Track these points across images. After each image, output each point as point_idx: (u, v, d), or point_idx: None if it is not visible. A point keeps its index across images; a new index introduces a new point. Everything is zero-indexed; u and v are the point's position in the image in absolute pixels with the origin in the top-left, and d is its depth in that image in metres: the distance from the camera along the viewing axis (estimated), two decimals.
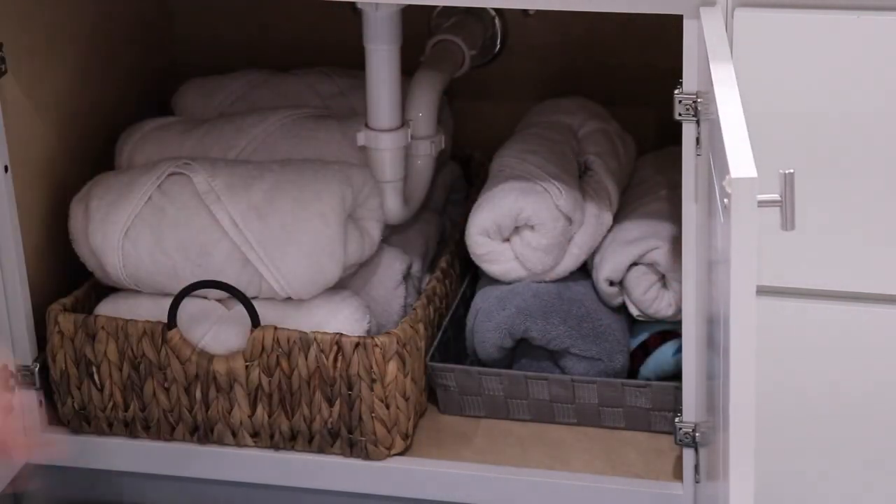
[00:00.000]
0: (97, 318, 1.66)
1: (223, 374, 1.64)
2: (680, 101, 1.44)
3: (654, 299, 1.71)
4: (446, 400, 1.74)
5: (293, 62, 2.01)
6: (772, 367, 1.49)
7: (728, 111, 1.20)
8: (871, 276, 1.45)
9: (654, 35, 1.93)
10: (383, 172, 1.75)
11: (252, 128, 1.81)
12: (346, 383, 1.63)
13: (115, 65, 1.91)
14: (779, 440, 1.52)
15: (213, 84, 1.95)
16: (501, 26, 2.00)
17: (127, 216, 1.66)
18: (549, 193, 1.71)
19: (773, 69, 1.40)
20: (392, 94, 1.73)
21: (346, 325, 1.65)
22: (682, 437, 1.56)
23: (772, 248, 1.44)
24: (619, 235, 1.74)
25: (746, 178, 1.08)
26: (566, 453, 1.67)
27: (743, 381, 1.10)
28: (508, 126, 1.92)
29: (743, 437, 1.10)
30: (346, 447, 1.66)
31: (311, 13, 2.04)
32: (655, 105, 1.93)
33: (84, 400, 1.69)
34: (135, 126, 1.85)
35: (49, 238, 1.75)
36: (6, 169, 1.62)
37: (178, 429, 1.69)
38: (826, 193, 1.43)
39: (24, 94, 1.68)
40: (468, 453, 1.68)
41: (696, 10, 1.41)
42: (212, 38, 2.09)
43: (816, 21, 1.38)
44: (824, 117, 1.41)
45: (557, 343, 1.70)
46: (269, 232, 1.63)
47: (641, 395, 1.68)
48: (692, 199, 1.47)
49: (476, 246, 1.73)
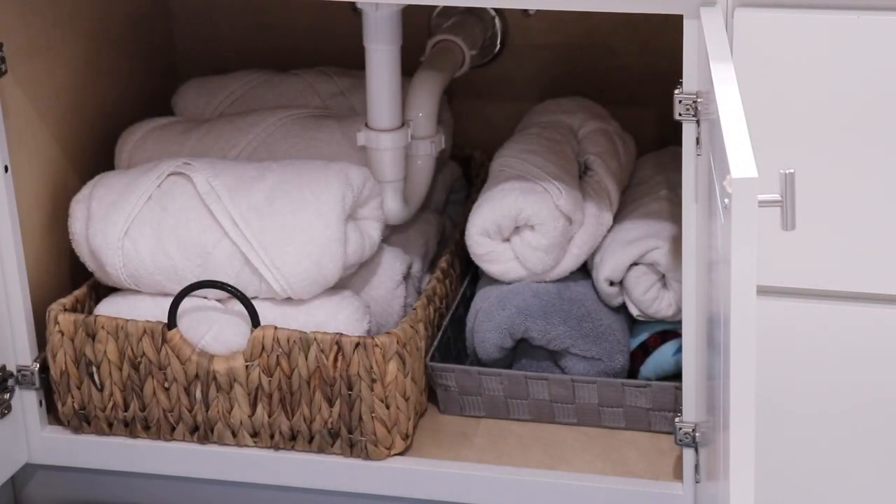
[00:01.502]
0: (97, 318, 1.66)
1: (223, 373, 1.64)
2: (680, 100, 1.44)
3: (654, 299, 1.71)
4: (446, 400, 1.74)
5: (293, 62, 2.01)
6: (772, 367, 1.49)
7: (728, 111, 1.19)
8: (871, 276, 1.45)
9: (655, 35, 1.93)
10: (383, 172, 1.75)
11: (252, 128, 1.81)
12: (347, 383, 1.63)
13: (116, 65, 1.91)
14: (779, 440, 1.51)
15: (213, 84, 1.95)
16: (501, 26, 2.00)
17: (127, 216, 1.66)
18: (549, 193, 1.71)
19: (773, 69, 1.40)
20: (392, 94, 1.73)
21: (347, 325, 1.65)
22: (683, 437, 1.56)
23: (772, 248, 1.44)
24: (619, 235, 1.74)
25: (747, 178, 1.08)
26: (566, 453, 1.67)
27: (743, 381, 1.10)
28: (508, 126, 1.92)
29: (743, 437, 1.10)
30: (346, 447, 1.66)
31: (311, 13, 2.04)
32: (656, 105, 1.94)
33: (84, 400, 1.69)
34: (135, 126, 1.85)
35: (49, 238, 1.75)
36: (6, 169, 1.62)
37: (178, 429, 1.69)
38: (826, 193, 1.43)
39: (24, 94, 1.68)
40: (468, 453, 1.68)
41: (696, 10, 1.41)
42: (212, 38, 2.09)
43: (817, 21, 1.38)
44: (825, 117, 1.41)
45: (557, 343, 1.70)
46: (269, 232, 1.63)
47: (641, 395, 1.68)
48: (692, 199, 1.47)
49: (476, 246, 1.73)
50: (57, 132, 1.77)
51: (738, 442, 1.10)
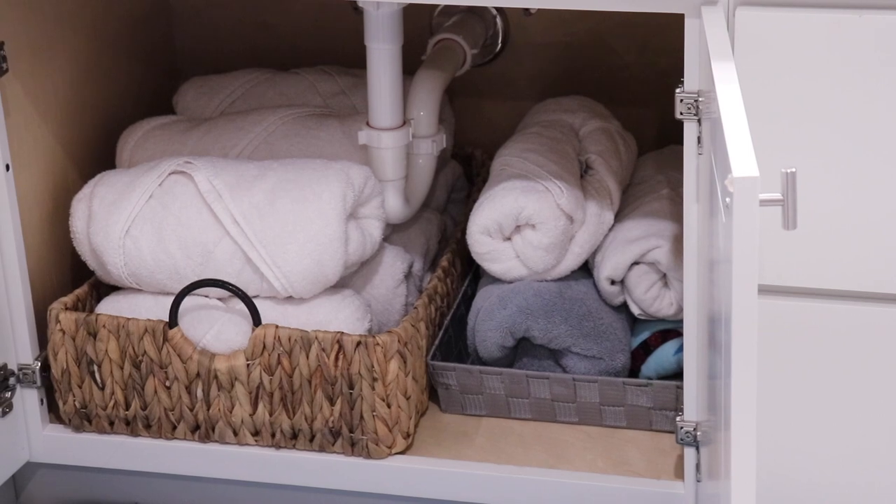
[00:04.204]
0: (98, 317, 1.66)
1: (224, 372, 1.64)
2: (681, 99, 1.44)
3: (655, 298, 1.71)
4: (447, 399, 1.74)
5: (294, 61, 2.01)
6: (773, 366, 1.49)
7: (730, 110, 1.19)
8: (871, 275, 1.45)
9: (656, 34, 1.94)
10: (384, 171, 1.75)
11: (253, 127, 1.81)
12: (348, 382, 1.63)
13: (116, 64, 1.91)
14: (780, 439, 1.51)
15: (214, 83, 1.95)
16: (503, 25, 2.00)
17: (128, 215, 1.66)
18: (550, 192, 1.71)
19: (774, 68, 1.40)
20: (393, 92, 1.73)
21: (348, 324, 1.65)
22: (684, 436, 1.56)
23: (773, 248, 1.44)
24: (620, 234, 1.74)
25: (748, 177, 1.08)
26: (567, 452, 1.67)
27: (744, 379, 1.10)
28: (510, 125, 1.92)
29: (744, 436, 1.10)
30: (347, 446, 1.66)
31: (312, 12, 2.04)
32: (657, 104, 1.94)
33: (85, 398, 1.69)
34: (136, 125, 1.85)
35: (50, 237, 1.75)
36: (7, 167, 1.62)
37: (180, 427, 1.69)
38: (828, 193, 1.42)
39: (25, 92, 1.68)
40: (469, 452, 1.68)
41: (697, 9, 1.41)
42: (213, 37, 2.09)
43: (818, 20, 1.38)
44: (826, 116, 1.41)
45: (559, 342, 1.70)
46: (270, 231, 1.63)
47: (643, 394, 1.68)
48: (694, 198, 1.47)
49: (477, 245, 1.73)
50: (58, 131, 1.77)
51: (740, 441, 1.10)
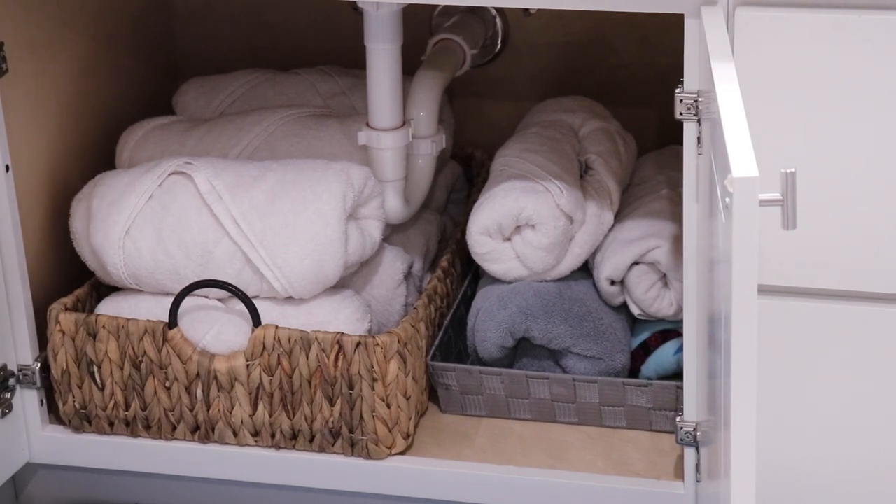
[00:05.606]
0: (98, 318, 1.66)
1: (224, 373, 1.64)
2: (681, 100, 1.44)
3: (655, 298, 1.71)
4: (447, 399, 1.74)
5: (294, 61, 2.01)
6: (773, 366, 1.49)
7: (729, 110, 1.19)
8: (871, 275, 1.45)
9: (656, 34, 1.93)
10: (384, 172, 1.75)
11: (253, 127, 1.81)
12: (348, 382, 1.63)
13: (116, 64, 1.91)
14: (780, 439, 1.51)
15: (214, 83, 1.95)
16: (502, 25, 2.00)
17: (128, 215, 1.66)
18: (550, 193, 1.71)
19: (774, 68, 1.40)
20: (393, 93, 1.73)
21: (347, 325, 1.65)
22: (684, 437, 1.56)
23: (773, 248, 1.44)
24: (620, 234, 1.74)
25: (748, 177, 1.08)
26: (567, 453, 1.67)
27: (744, 379, 1.10)
28: (509, 125, 1.92)
29: (744, 436, 1.10)
30: (347, 446, 1.66)
31: (312, 12, 2.04)
32: (656, 104, 1.94)
33: (85, 399, 1.69)
34: (136, 125, 1.85)
35: (50, 237, 1.75)
36: (7, 168, 1.62)
37: (179, 428, 1.69)
38: (827, 193, 1.42)
39: (25, 93, 1.68)
40: (469, 453, 1.68)
41: (697, 9, 1.41)
42: (213, 37, 2.09)
43: (817, 20, 1.38)
44: (825, 116, 1.41)
45: (558, 342, 1.70)
46: (270, 231, 1.63)
47: (642, 394, 1.68)
48: (693, 199, 1.47)
49: (477, 245, 1.73)
50: (58, 131, 1.77)
51: (739, 441, 1.10)
